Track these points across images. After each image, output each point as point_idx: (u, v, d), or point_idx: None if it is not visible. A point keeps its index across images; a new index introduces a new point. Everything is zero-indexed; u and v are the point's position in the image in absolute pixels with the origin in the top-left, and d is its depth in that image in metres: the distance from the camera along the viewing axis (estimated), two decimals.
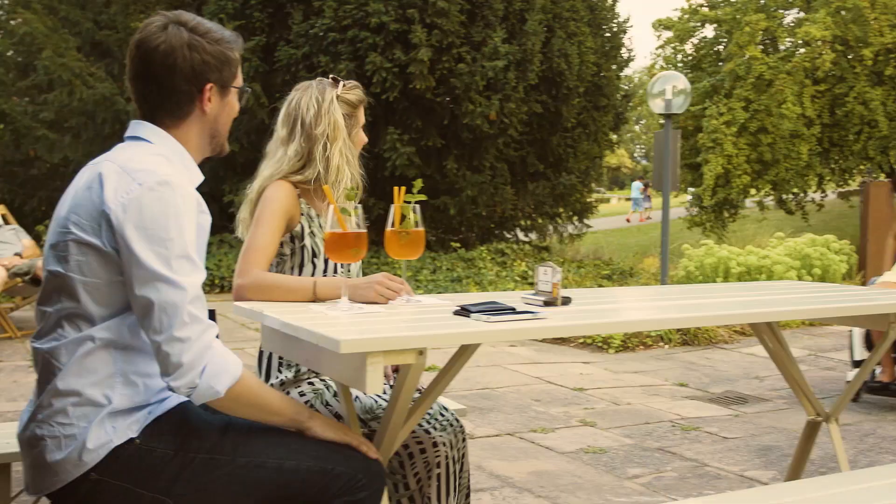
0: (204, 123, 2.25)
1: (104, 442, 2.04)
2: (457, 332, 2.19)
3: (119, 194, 2.02)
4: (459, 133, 13.55)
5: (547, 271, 2.65)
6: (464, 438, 2.95)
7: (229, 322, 9.03)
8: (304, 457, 2.16)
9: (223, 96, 2.26)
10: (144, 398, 2.11)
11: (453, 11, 12.95)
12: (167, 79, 2.16)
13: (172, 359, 1.98)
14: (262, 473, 2.12)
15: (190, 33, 2.17)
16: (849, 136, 20.14)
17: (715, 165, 18.71)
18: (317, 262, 2.92)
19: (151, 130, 2.20)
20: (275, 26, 13.65)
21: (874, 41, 18.85)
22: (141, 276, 1.99)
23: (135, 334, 2.10)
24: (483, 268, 12.77)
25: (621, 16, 17.85)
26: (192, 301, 2.01)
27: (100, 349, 2.07)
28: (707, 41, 22.40)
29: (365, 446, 2.25)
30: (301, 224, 2.92)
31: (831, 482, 2.69)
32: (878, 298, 3.17)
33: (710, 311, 2.79)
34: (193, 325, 2.00)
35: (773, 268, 10.39)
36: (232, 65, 2.26)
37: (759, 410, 5.98)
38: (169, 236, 2.00)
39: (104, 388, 2.06)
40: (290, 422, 2.20)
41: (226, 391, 2.03)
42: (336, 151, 2.94)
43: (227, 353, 2.07)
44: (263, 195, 2.90)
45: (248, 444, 2.15)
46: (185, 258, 2.02)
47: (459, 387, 6.47)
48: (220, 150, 2.34)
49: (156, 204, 2.01)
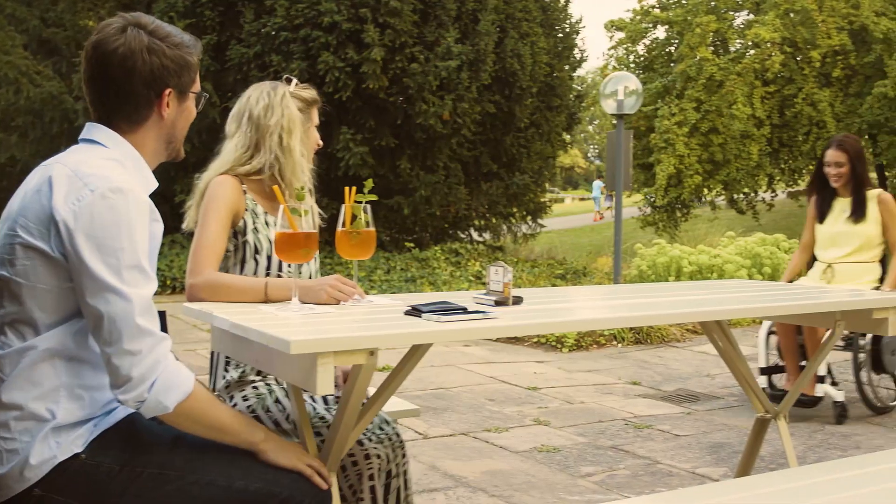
0: (161, 128, 2.21)
1: (47, 458, 1.99)
2: (408, 332, 2.18)
3: (70, 200, 1.97)
4: (413, 133, 13.54)
5: (498, 271, 2.65)
6: (403, 454, 2.90)
7: (181, 323, 8.94)
8: (253, 478, 2.11)
9: (181, 101, 2.22)
10: (90, 412, 2.06)
11: (406, 11, 12.93)
12: (125, 83, 2.11)
13: (122, 371, 1.94)
14: (211, 491, 2.08)
15: (150, 37, 2.12)
16: (798, 136, 20.45)
17: (667, 165, 18.89)
18: (259, 258, 2.88)
19: (107, 134, 2.15)
20: (226, 25, 13.54)
21: (822, 43, 19.15)
22: (91, 286, 1.95)
23: (81, 344, 2.05)
24: (437, 268, 12.77)
25: (574, 16, 17.89)
26: (143, 313, 1.97)
27: (44, 361, 2.02)
28: (659, 42, 22.64)
29: (317, 477, 2.19)
30: (244, 219, 2.87)
31: (780, 478, 2.71)
32: (824, 297, 3.21)
33: (662, 310, 2.81)
34: (145, 337, 1.96)
35: (724, 267, 10.50)
36: (191, 70, 2.22)
37: (711, 408, 6.04)
38: (120, 246, 1.96)
39: (48, 401, 2.01)
40: (243, 442, 2.14)
41: (175, 407, 1.99)
42: (296, 144, 2.89)
43: (179, 368, 2.02)
44: (207, 191, 2.86)
45: (198, 461, 2.10)
46: (136, 269, 1.98)
47: (413, 387, 6.46)
48: (177, 154, 2.29)
49: (108, 212, 1.96)
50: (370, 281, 12.00)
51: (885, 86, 19.10)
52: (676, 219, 20.95)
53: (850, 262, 5.70)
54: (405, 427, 5.23)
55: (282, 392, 2.83)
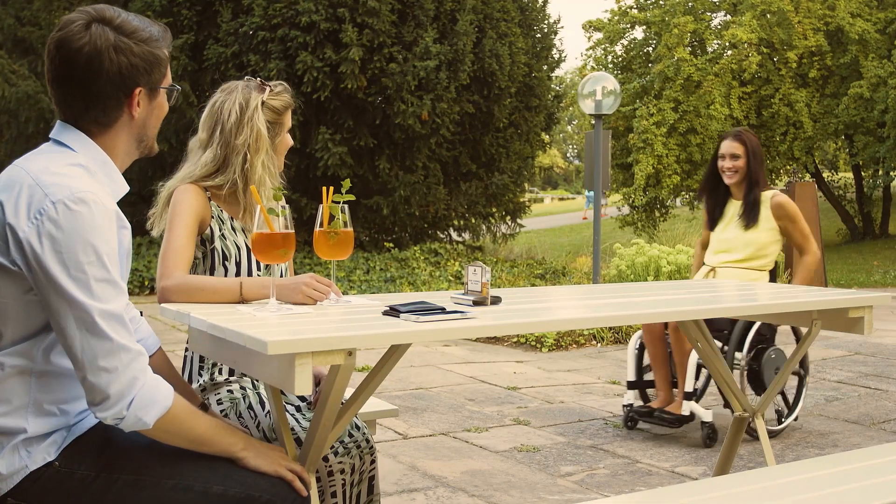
0: (132, 128, 2.11)
1: (18, 468, 1.95)
2: (386, 333, 2.17)
3: (32, 215, 1.87)
4: (391, 133, 13.53)
5: (476, 271, 2.65)
6: (373, 460, 2.87)
7: (158, 324, 8.89)
8: (231, 482, 2.07)
9: (152, 98, 2.11)
10: (63, 422, 2.02)
11: (384, 11, 12.93)
12: (92, 84, 2.00)
13: (98, 389, 1.87)
14: (189, 497, 2.04)
15: (116, 34, 2.00)
16: (775, 136, 20.58)
17: (645, 165, 18.96)
18: (228, 265, 2.86)
19: (76, 137, 2.05)
20: (203, 24, 13.49)
21: (798, 44, 19.29)
22: (60, 303, 1.86)
23: (49, 359, 1.99)
24: (417, 268, 12.76)
25: (552, 17, 17.94)
26: (117, 328, 1.89)
27: (12, 377, 1.96)
28: (637, 43, 22.73)
29: (297, 483, 2.15)
30: (211, 227, 2.86)
31: (758, 476, 2.73)
32: (802, 296, 3.23)
33: (641, 310, 2.81)
34: (120, 353, 1.88)
35: None
36: (161, 65, 2.10)
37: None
38: (87, 259, 1.87)
39: (16, 418, 1.95)
40: (222, 451, 2.10)
41: (155, 422, 1.94)
42: (258, 164, 2.85)
43: (158, 383, 1.96)
44: (172, 199, 2.83)
45: (175, 466, 2.06)
46: (105, 282, 1.90)
47: (393, 387, 6.45)
48: (150, 151, 2.20)
49: (72, 224, 1.87)
50: (349, 281, 11.98)
51: (861, 86, 19.26)
52: (655, 219, 21.04)
53: (735, 268, 5.18)
54: (385, 427, 5.22)
55: (256, 398, 2.82)
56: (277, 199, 2.63)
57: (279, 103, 2.94)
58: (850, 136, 21.20)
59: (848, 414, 5.85)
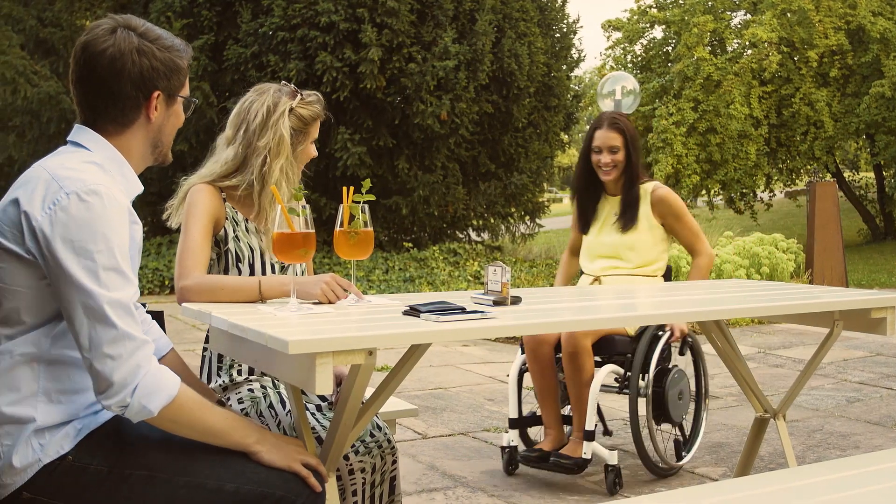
0: (149, 131, 2.18)
1: (32, 461, 1.98)
2: (406, 332, 2.18)
3: (46, 205, 1.94)
4: (410, 133, 13.53)
5: (496, 271, 2.65)
6: (394, 461, 2.88)
7: (179, 323, 8.93)
8: (244, 479, 2.09)
9: (170, 105, 2.19)
10: (72, 413, 2.05)
11: (403, 11, 12.93)
12: (113, 84, 2.08)
13: (103, 376, 1.91)
14: (202, 494, 2.06)
15: (139, 38, 2.10)
16: (795, 136, 20.48)
17: (665, 165, 18.91)
18: (241, 266, 2.87)
19: (92, 138, 2.13)
20: (223, 25, 13.53)
21: (819, 43, 19.18)
22: (68, 290, 1.92)
23: (60, 347, 2.03)
24: (435, 268, 12.76)
25: (571, 16, 17.99)
26: (122, 316, 1.93)
27: (21, 365, 2.00)
28: (656, 42, 22.66)
29: (311, 479, 2.15)
30: (225, 228, 2.87)
31: (779, 478, 2.71)
32: (824, 296, 3.21)
33: (661, 310, 2.81)
34: (124, 341, 1.92)
35: (723, 266, 10.51)
36: (181, 73, 2.19)
37: (710, 408, 6.02)
38: (97, 248, 1.93)
39: (26, 406, 1.99)
40: (234, 444, 2.11)
41: (160, 411, 1.96)
42: (277, 168, 2.85)
43: (163, 372, 1.98)
44: (187, 199, 2.85)
45: (188, 463, 2.08)
46: (114, 271, 1.95)
47: (412, 387, 6.45)
48: (164, 159, 2.26)
49: (83, 214, 1.93)
50: (368, 281, 12.00)
51: (883, 85, 19.12)
52: None
53: (624, 276, 4.41)
54: (404, 427, 5.22)
55: (276, 397, 2.83)
56: (298, 199, 2.64)
57: (307, 112, 2.93)
58: (872, 135, 21.05)
59: (870, 415, 5.81)
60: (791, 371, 7.27)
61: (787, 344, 8.61)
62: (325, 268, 11.99)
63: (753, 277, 10.84)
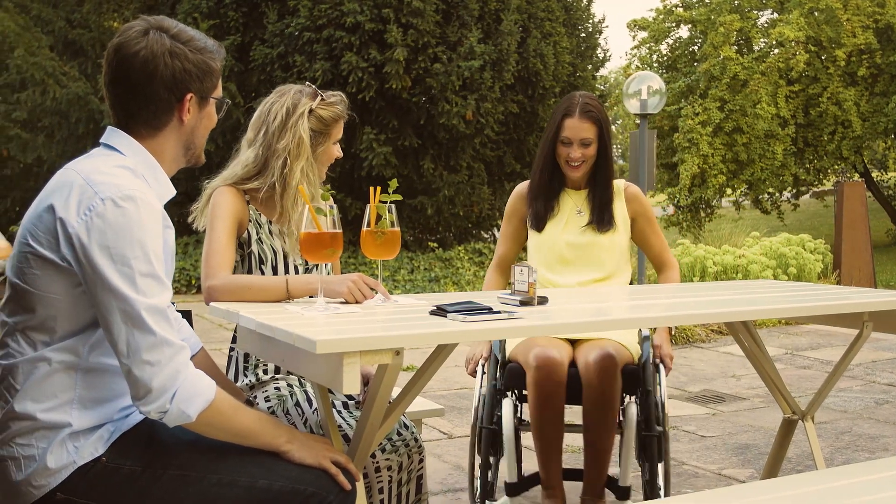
0: (181, 134, 2.18)
1: (66, 463, 1.99)
2: (433, 332, 2.18)
3: (81, 211, 1.94)
4: (436, 133, 13.54)
5: (523, 271, 2.65)
6: (420, 459, 2.88)
7: (206, 323, 8.98)
8: (276, 476, 2.10)
9: (202, 107, 2.19)
10: (106, 417, 2.06)
11: (429, 11, 12.94)
12: (146, 86, 2.08)
13: (142, 383, 1.92)
14: (234, 492, 2.07)
15: (172, 40, 2.09)
16: (823, 136, 20.30)
17: (691, 165, 18.80)
18: (264, 268, 2.88)
19: (125, 141, 2.13)
20: (249, 25, 13.59)
21: (847, 42, 19.00)
22: (106, 297, 1.92)
23: (97, 355, 2.04)
24: (461, 267, 12.77)
25: (596, 16, 17.87)
26: (160, 322, 1.95)
27: (58, 373, 2.01)
28: (682, 41, 22.53)
29: (340, 477, 2.16)
30: (248, 230, 2.88)
31: (807, 480, 2.69)
32: (852, 297, 3.18)
33: (688, 311, 2.79)
34: (163, 347, 1.94)
35: (749, 267, 10.44)
36: (213, 75, 2.18)
37: (737, 409, 6.00)
38: (133, 254, 1.93)
39: (60, 413, 2.00)
40: (266, 445, 2.13)
41: (197, 416, 1.98)
42: (297, 170, 2.86)
43: (200, 377, 2.00)
44: (211, 201, 2.86)
45: (219, 461, 2.09)
46: (150, 277, 1.96)
47: (438, 387, 6.45)
48: (196, 161, 2.27)
49: (119, 220, 1.94)
50: (394, 280, 12.02)
51: None
52: (700, 219, 20.85)
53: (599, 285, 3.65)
54: (430, 427, 5.22)
55: (303, 395, 2.84)
56: (325, 199, 2.65)
57: (327, 114, 2.92)
58: None
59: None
60: (818, 372, 7.22)
61: (814, 345, 8.55)
62: (350, 268, 12.02)
63: (780, 278, 10.77)
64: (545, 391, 3.32)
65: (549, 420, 3.37)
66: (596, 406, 3.34)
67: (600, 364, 3.29)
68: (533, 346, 3.39)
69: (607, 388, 3.30)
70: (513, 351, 3.56)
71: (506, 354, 3.64)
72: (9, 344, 2.04)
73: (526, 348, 3.43)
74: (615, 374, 3.30)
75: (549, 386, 3.31)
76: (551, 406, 3.35)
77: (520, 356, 3.48)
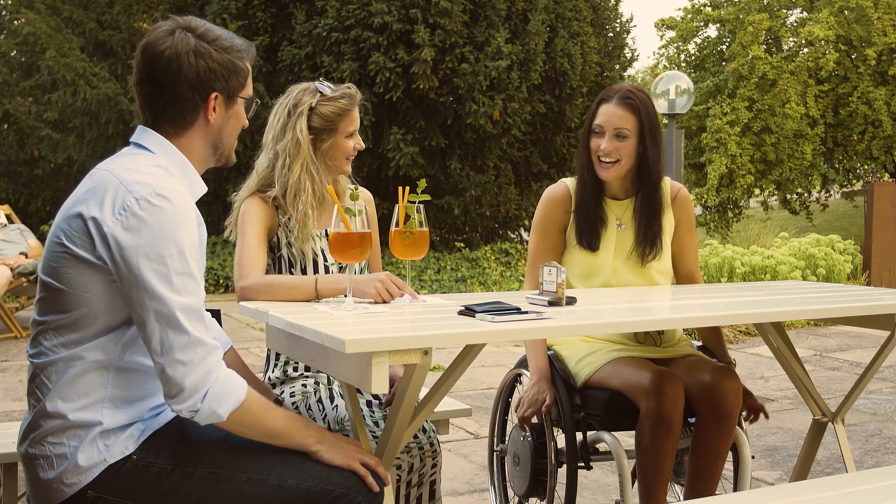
0: (208, 133, 2.18)
1: (97, 461, 2.01)
2: (462, 332, 2.18)
3: (116, 211, 1.96)
4: (463, 133, 13.55)
5: (552, 271, 2.64)
6: (434, 464, 2.88)
7: (234, 322, 9.03)
8: (305, 476, 2.11)
9: (229, 106, 2.19)
10: (136, 416, 2.08)
11: (456, 11, 12.95)
12: (171, 85, 2.10)
13: (175, 381, 1.94)
14: (263, 490, 2.08)
15: (197, 40, 2.10)
16: (853, 135, 20.13)
17: (719, 165, 18.70)
18: (294, 271, 2.90)
19: (155, 140, 2.14)
20: (278, 26, 13.65)
21: (877, 41, 18.84)
22: (141, 296, 1.94)
23: (130, 354, 2.06)
24: (487, 268, 12.77)
25: (624, 16, 17.83)
26: (194, 322, 1.96)
27: (90, 372, 2.02)
28: (710, 41, 22.41)
29: (369, 478, 2.16)
30: (278, 235, 2.91)
31: (837, 482, 2.68)
32: (883, 298, 3.15)
33: (716, 311, 2.77)
34: (196, 347, 1.95)
35: (778, 268, 10.37)
36: (240, 74, 2.18)
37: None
38: (169, 253, 1.95)
39: (91, 412, 2.02)
40: (296, 445, 2.14)
41: (228, 415, 1.99)
42: (297, 167, 2.87)
43: (231, 377, 2.02)
44: (240, 211, 2.90)
45: (249, 460, 2.11)
46: (186, 275, 1.97)
47: (464, 387, 6.46)
48: (227, 161, 2.27)
49: (154, 218, 1.95)
50: (420, 280, 12.04)
51: None
52: (728, 219, 20.75)
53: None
54: (457, 427, 5.23)
55: (326, 392, 2.85)
56: (354, 198, 2.66)
57: (328, 110, 2.91)
58: None
59: None
60: (848, 374, 7.16)
61: (843, 347, 8.48)
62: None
63: (809, 279, 10.70)
64: (671, 420, 2.94)
65: (669, 453, 3.00)
66: (722, 432, 3.07)
67: (734, 387, 3.03)
68: (629, 370, 3.02)
69: (736, 413, 3.04)
70: (596, 375, 3.12)
71: (573, 378, 3.24)
72: (42, 343, 2.05)
73: (620, 372, 3.04)
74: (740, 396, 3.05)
75: (678, 414, 2.94)
76: (672, 437, 2.98)
77: (616, 381, 3.06)
